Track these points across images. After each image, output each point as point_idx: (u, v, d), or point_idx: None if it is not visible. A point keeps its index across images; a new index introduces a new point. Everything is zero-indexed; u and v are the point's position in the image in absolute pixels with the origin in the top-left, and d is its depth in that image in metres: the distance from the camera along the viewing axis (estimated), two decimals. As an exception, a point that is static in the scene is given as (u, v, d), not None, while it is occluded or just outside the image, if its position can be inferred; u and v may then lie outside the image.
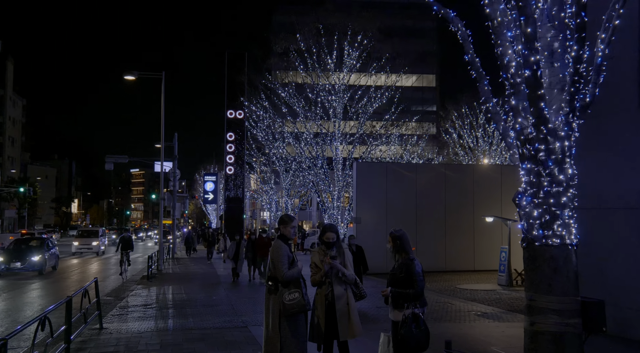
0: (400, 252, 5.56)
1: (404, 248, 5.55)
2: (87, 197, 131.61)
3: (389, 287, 5.42)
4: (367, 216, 21.53)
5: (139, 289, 16.40)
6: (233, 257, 18.79)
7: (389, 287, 5.44)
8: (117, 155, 31.84)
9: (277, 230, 6.12)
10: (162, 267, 23.41)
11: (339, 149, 24.62)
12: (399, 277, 5.41)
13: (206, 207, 79.73)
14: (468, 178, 22.39)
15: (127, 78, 22.86)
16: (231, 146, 33.37)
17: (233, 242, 18.99)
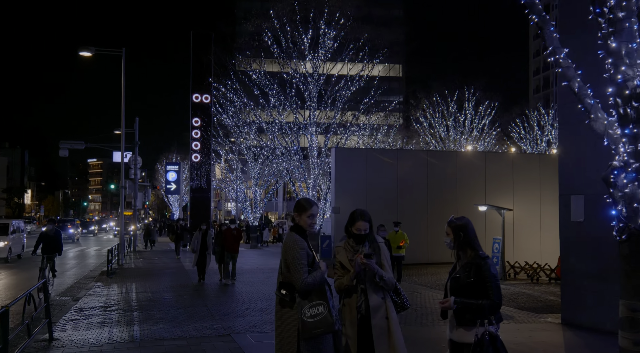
0: (465, 248, 4.12)
1: (471, 242, 4.12)
2: (42, 187, 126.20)
3: (452, 297, 3.99)
4: (347, 206, 20.16)
5: (98, 287, 14.62)
6: (200, 250, 15.18)
7: (450, 297, 4.01)
8: (73, 141, 29.56)
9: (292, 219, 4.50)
10: (123, 262, 21.53)
11: (314, 135, 23.15)
12: (467, 282, 3.97)
13: (168, 197, 77.11)
14: (451, 166, 21.30)
15: (84, 54, 20.76)
16: (197, 132, 31.44)
17: (198, 232, 15.28)
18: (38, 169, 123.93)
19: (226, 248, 14.72)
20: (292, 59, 22.30)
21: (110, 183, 77.73)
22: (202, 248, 15.15)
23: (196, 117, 31.28)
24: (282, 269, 4.13)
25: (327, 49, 22.34)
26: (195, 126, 31.34)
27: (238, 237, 14.90)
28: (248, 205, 36.04)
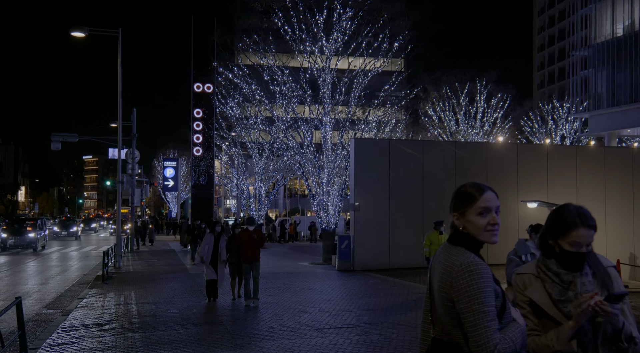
0: None
1: None
2: (36, 184, 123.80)
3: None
4: (367, 203, 18.30)
5: (92, 296, 12.67)
6: (211, 261, 11.50)
7: None
8: (66, 133, 27.53)
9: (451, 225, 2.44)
10: (120, 264, 19.58)
11: (329, 125, 21.20)
12: None
13: (165, 194, 75.13)
14: (481, 158, 19.42)
15: (76, 35, 18.76)
16: (199, 124, 29.48)
17: (209, 236, 11.57)
18: (32, 165, 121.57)
19: (243, 258, 11.03)
20: (305, 43, 20.31)
21: (106, 180, 75.69)
22: (215, 258, 11.56)
23: (198, 108, 29.31)
24: (439, 315, 2.20)
25: (344, 31, 20.37)
26: (197, 117, 29.37)
27: (259, 242, 11.02)
28: (252, 202, 34.09)
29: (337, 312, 10.34)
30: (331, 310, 10.54)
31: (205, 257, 11.51)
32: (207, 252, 11.53)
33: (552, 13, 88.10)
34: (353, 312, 10.28)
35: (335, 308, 10.70)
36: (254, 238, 11.03)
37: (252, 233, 11.04)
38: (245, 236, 11.05)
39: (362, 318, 9.65)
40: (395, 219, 18.36)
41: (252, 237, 11.01)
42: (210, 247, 11.50)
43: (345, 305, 11.11)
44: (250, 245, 11.01)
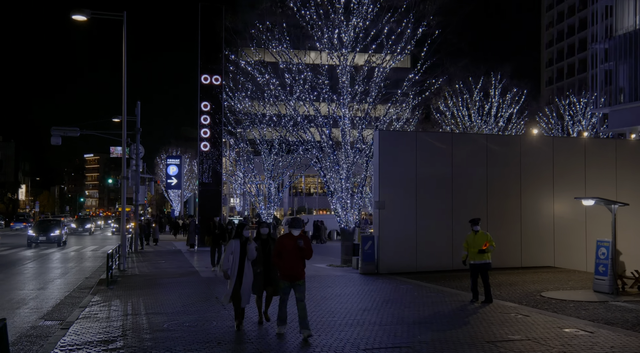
0: None
1: None
2: (37, 183, 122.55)
3: None
4: (392, 200, 16.88)
5: (96, 304, 11.27)
6: (237, 273, 8.56)
7: None
8: (67, 127, 26.14)
9: None
10: (125, 266, 18.18)
11: (347, 118, 19.76)
12: None
13: (168, 193, 73.81)
14: (514, 152, 17.98)
15: (77, 18, 17.35)
16: (206, 118, 28.01)
17: (235, 243, 8.65)
18: (33, 163, 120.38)
19: (283, 273, 8.08)
20: (323, 29, 18.85)
21: (108, 178, 74.10)
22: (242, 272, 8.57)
23: (205, 101, 27.86)
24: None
25: (364, 16, 18.91)
26: (204, 111, 27.91)
27: (307, 252, 8.08)
28: (261, 200, 32.66)
29: (379, 325, 8.93)
30: (371, 323, 9.13)
31: (230, 272, 8.55)
32: (233, 265, 8.54)
33: (561, 9, 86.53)
34: (398, 326, 8.87)
35: (375, 321, 9.28)
36: (300, 246, 7.97)
37: (298, 239, 8.04)
38: (288, 243, 8.05)
39: (412, 335, 8.24)
40: (423, 218, 16.94)
41: (297, 245, 7.98)
42: (236, 259, 8.55)
43: (386, 317, 9.69)
44: (294, 256, 8.00)
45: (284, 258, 8.09)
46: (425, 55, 18.86)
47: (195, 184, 66.37)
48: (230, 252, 8.61)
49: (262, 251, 8.89)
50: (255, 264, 8.83)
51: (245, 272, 8.58)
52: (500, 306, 10.70)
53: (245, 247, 8.57)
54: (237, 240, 8.67)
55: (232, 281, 8.52)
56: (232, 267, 8.55)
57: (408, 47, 18.99)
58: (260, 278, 8.93)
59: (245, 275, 8.56)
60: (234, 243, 8.65)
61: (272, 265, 8.73)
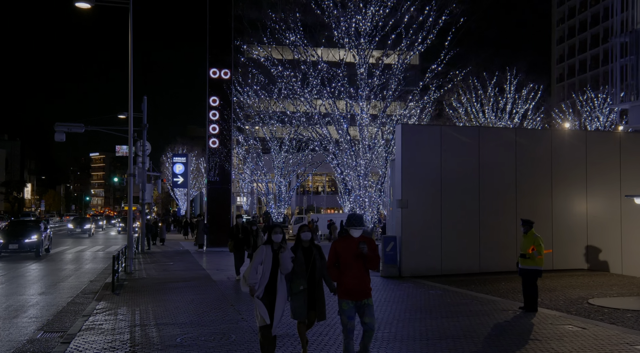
0: None
1: None
2: (42, 181, 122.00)
3: None
4: (415, 198, 15.81)
5: (101, 312, 10.27)
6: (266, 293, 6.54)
7: None
8: (71, 123, 25.22)
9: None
10: (131, 268, 17.19)
11: (365, 111, 18.72)
12: None
13: (174, 191, 72.97)
14: (544, 147, 16.88)
15: (80, 6, 16.35)
16: (215, 113, 26.98)
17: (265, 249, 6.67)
18: (38, 162, 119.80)
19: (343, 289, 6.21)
20: (340, 19, 17.79)
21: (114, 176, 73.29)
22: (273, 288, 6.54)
23: (214, 96, 26.82)
24: None
25: (384, 3, 17.84)
26: (213, 106, 26.88)
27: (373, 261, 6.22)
28: (270, 199, 31.66)
29: (422, 341, 7.89)
30: (410, 337, 8.09)
31: (258, 287, 6.51)
32: (262, 279, 6.52)
33: (572, 4, 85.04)
34: (443, 342, 7.82)
35: (414, 335, 8.24)
36: (363, 253, 6.07)
37: (360, 243, 6.10)
38: (348, 249, 6.16)
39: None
40: (448, 217, 15.88)
41: (360, 252, 6.07)
42: (266, 271, 6.52)
43: (425, 330, 8.64)
44: (358, 265, 6.13)
45: (344, 269, 6.14)
46: (449, 45, 17.81)
47: (202, 183, 65.55)
48: (259, 261, 6.60)
49: (305, 262, 6.77)
50: (297, 279, 6.69)
51: (279, 290, 6.53)
52: (547, 316, 9.63)
53: (277, 257, 6.58)
54: (268, 246, 6.66)
55: (260, 300, 6.52)
56: (261, 282, 6.52)
57: (430, 36, 17.96)
58: (303, 298, 6.69)
59: (278, 294, 6.51)
60: (264, 251, 6.64)
61: (317, 281, 6.77)
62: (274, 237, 6.67)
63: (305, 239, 6.89)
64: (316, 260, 6.82)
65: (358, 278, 6.13)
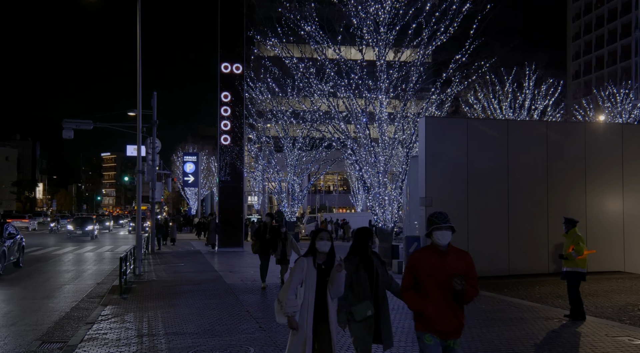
0: None
1: None
2: (54, 181, 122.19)
3: None
4: (440, 195, 14.85)
5: (106, 320, 9.43)
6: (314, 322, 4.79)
7: None
8: (79, 120, 24.54)
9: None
10: (140, 270, 16.39)
11: (384, 104, 17.77)
12: None
13: (185, 191, 72.45)
14: (578, 141, 15.85)
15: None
16: (226, 109, 26.17)
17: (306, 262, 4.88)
18: (50, 162, 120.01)
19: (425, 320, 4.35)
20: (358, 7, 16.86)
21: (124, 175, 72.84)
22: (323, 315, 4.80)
23: (225, 91, 26.01)
24: None
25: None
26: (225, 102, 26.07)
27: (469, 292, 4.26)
28: (284, 198, 30.81)
29: None
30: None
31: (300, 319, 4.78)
32: (307, 304, 4.76)
33: (589, 0, 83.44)
34: (489, 355, 6.88)
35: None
36: (458, 289, 4.18)
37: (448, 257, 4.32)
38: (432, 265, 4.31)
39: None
40: (474, 216, 14.91)
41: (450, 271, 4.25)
42: (309, 292, 4.77)
43: (467, 341, 7.69)
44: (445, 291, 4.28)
45: (426, 294, 4.31)
46: (474, 34, 16.79)
47: (213, 182, 64.90)
48: (298, 281, 4.78)
49: (368, 279, 5.02)
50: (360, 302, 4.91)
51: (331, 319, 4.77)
52: (598, 325, 8.65)
53: (326, 274, 4.75)
54: (310, 259, 4.85)
55: (304, 336, 4.70)
56: (303, 310, 4.71)
57: (454, 24, 16.93)
58: (370, 326, 4.98)
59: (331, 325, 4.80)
60: (304, 266, 4.80)
61: (381, 302, 5.09)
62: (320, 245, 4.81)
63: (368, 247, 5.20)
64: (379, 273, 5.09)
65: (447, 309, 4.27)
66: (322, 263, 4.85)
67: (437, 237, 4.30)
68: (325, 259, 4.88)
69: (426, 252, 4.41)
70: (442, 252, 4.33)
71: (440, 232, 4.29)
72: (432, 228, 4.32)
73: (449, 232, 4.32)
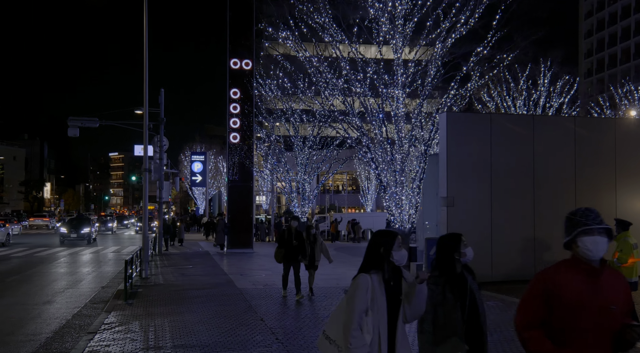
0: None
1: None
2: (62, 181, 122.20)
3: None
4: (462, 195, 14.06)
5: (109, 329, 8.72)
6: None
7: None
8: (85, 118, 23.91)
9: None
10: (147, 273, 15.70)
11: (400, 100, 17.00)
12: None
13: (192, 190, 71.93)
14: (608, 138, 15.00)
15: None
16: (236, 106, 25.46)
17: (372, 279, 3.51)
18: (58, 161, 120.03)
19: None
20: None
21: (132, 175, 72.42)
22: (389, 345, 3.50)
23: (235, 88, 25.30)
24: None
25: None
26: (234, 99, 25.36)
27: None
28: (294, 197, 30.08)
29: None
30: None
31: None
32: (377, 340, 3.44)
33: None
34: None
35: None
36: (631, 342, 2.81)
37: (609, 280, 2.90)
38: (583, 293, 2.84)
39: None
40: (498, 216, 14.11)
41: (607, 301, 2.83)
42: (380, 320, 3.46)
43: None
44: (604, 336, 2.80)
45: (568, 338, 2.81)
46: (497, 24, 15.98)
47: (221, 181, 64.30)
48: (362, 308, 3.43)
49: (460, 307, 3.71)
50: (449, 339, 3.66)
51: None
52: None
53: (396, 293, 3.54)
54: (375, 275, 3.53)
55: None
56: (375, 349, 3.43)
57: (474, 15, 16.14)
58: None
59: None
60: (368, 285, 3.48)
61: (480, 344, 3.74)
62: (398, 256, 3.53)
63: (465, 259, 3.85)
64: (476, 299, 3.76)
65: None
66: (390, 278, 3.55)
67: (587, 245, 2.82)
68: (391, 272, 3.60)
69: (569, 271, 2.91)
70: (594, 271, 2.85)
71: (592, 237, 2.81)
72: (577, 233, 2.86)
73: (605, 239, 2.83)
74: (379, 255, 3.55)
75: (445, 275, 3.75)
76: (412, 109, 17.78)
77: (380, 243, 3.58)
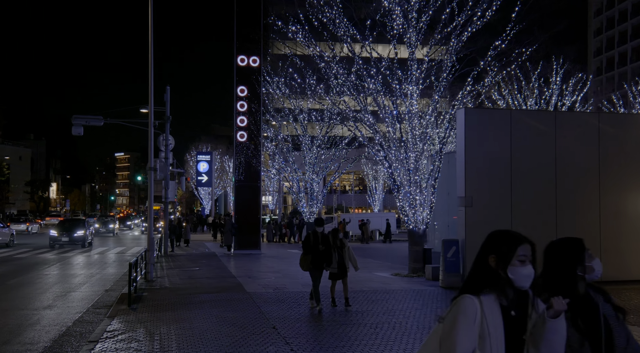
0: None
1: None
2: (67, 181, 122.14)
3: None
4: (481, 195, 13.45)
5: (111, 338, 8.15)
6: None
7: None
8: (89, 116, 23.40)
9: None
10: (152, 275, 15.14)
11: (414, 96, 16.36)
12: None
13: (198, 190, 71.49)
14: (634, 135, 14.35)
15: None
16: (243, 104, 24.89)
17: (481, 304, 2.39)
18: (64, 161, 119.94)
19: None
20: None
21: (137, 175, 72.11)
22: None
23: (242, 85, 24.73)
24: None
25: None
26: (241, 96, 24.79)
27: None
28: (302, 197, 29.51)
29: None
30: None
31: None
32: None
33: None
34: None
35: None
36: None
37: None
38: None
39: None
40: (518, 217, 13.47)
41: None
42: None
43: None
44: None
45: None
46: (516, 16, 15.32)
47: (227, 181, 63.77)
48: (467, 346, 2.33)
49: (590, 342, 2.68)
50: None
51: None
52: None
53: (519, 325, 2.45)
54: (486, 297, 2.43)
55: None
56: None
57: (492, 7, 15.47)
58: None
59: None
60: (476, 315, 2.38)
61: None
62: (520, 274, 2.44)
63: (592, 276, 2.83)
64: (613, 330, 2.72)
65: None
66: (508, 304, 2.45)
67: None
68: (513, 296, 2.47)
69: None
70: None
71: None
72: None
73: None
74: (485, 270, 2.45)
75: (568, 297, 2.52)
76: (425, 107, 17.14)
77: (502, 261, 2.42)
